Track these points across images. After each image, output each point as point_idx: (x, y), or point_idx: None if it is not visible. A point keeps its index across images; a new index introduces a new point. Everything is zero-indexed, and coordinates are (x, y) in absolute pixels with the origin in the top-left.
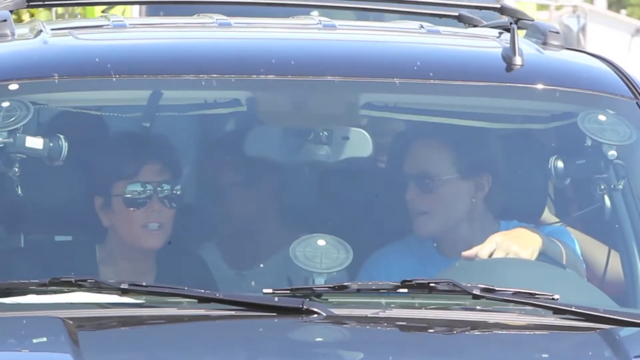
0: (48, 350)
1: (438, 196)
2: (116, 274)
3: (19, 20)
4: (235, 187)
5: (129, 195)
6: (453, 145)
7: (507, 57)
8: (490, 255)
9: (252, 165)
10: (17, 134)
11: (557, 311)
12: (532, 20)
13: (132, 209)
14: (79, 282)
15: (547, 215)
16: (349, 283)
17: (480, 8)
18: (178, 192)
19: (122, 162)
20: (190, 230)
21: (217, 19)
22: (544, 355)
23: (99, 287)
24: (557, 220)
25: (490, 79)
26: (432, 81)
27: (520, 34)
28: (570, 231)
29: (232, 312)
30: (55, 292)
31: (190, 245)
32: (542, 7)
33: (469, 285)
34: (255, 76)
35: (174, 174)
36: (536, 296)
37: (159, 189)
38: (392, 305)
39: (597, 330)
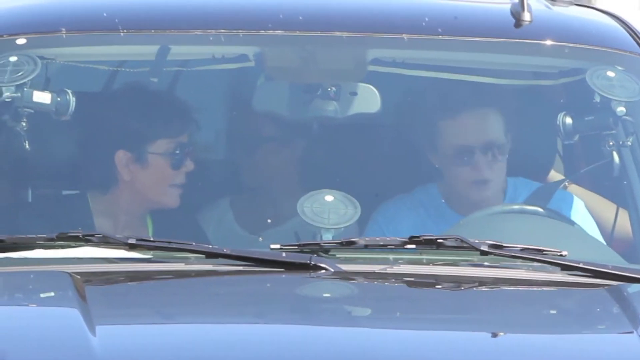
0: (55, 305)
1: (499, 163)
2: (125, 229)
3: None
4: (243, 143)
5: (162, 153)
6: (498, 108)
7: (516, 13)
8: None
9: (259, 121)
10: (25, 89)
11: (565, 267)
12: None
13: (164, 167)
14: (86, 237)
15: (554, 174)
16: (357, 239)
17: None
18: (197, 150)
19: (145, 119)
20: (200, 189)
21: None
22: (551, 312)
23: (106, 242)
24: (563, 177)
25: (498, 35)
26: (440, 37)
27: None
28: (577, 189)
29: (240, 268)
30: (62, 246)
31: (201, 203)
32: None
33: (477, 241)
34: (263, 31)
35: (194, 132)
36: (544, 252)
37: (187, 148)
38: (400, 261)
39: (605, 287)
